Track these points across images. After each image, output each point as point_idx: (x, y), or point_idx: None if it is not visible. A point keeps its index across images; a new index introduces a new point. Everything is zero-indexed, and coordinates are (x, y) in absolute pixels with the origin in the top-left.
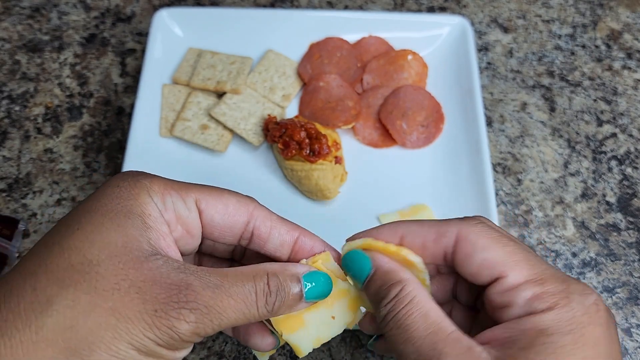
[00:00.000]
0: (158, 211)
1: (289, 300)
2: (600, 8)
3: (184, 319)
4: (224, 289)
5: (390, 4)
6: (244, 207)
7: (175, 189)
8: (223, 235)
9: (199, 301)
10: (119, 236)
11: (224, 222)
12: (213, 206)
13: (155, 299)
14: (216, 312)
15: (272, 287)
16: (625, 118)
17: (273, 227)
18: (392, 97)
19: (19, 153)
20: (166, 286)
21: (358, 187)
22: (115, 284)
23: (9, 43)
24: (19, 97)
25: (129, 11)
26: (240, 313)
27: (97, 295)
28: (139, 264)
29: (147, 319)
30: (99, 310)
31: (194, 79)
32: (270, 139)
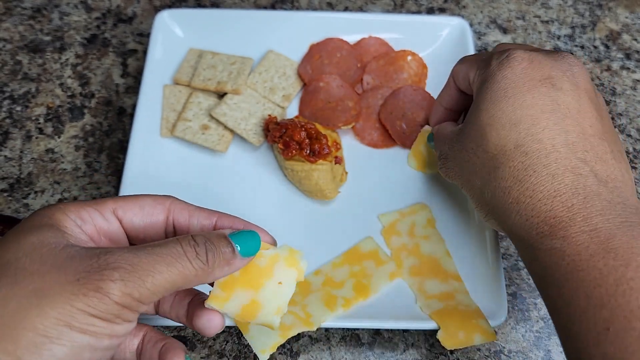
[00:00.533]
0: (77, 226)
1: (223, 254)
2: (599, 9)
3: (109, 278)
4: (146, 249)
5: (390, 5)
6: (160, 204)
7: (91, 205)
8: (148, 236)
9: (120, 261)
10: (34, 238)
11: (144, 222)
12: (130, 211)
13: (75, 270)
14: (143, 269)
15: (198, 241)
16: (624, 118)
17: (191, 216)
18: (392, 97)
19: (20, 153)
20: (86, 257)
21: (358, 187)
22: (35, 270)
23: (10, 43)
24: (21, 98)
25: (130, 12)
26: (173, 268)
27: (17, 284)
28: (56, 251)
29: (70, 289)
30: (20, 294)
31: (194, 79)
32: (271, 139)
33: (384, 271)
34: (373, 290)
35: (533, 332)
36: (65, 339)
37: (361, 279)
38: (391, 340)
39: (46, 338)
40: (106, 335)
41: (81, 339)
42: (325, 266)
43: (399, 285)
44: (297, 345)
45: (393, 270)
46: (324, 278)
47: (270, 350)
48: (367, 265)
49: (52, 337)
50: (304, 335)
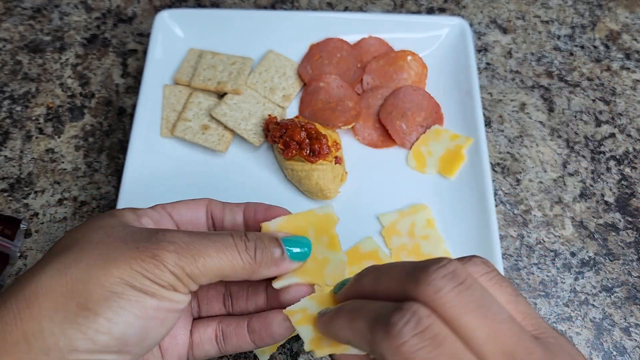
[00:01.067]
0: (135, 218)
1: (272, 254)
2: (599, 9)
3: (165, 249)
4: (201, 234)
5: (389, 5)
6: (201, 201)
7: (140, 208)
8: (195, 228)
9: (176, 239)
10: (99, 221)
11: (190, 215)
12: (177, 208)
13: (136, 240)
14: (196, 250)
15: (250, 237)
16: (624, 118)
17: (225, 207)
18: (392, 97)
19: (20, 153)
20: (146, 232)
21: (358, 187)
22: (101, 240)
23: (10, 43)
24: (21, 98)
25: (130, 12)
26: (223, 255)
27: (84, 250)
28: (119, 229)
29: (130, 254)
30: (87, 258)
31: (194, 79)
32: (271, 139)
33: None
34: None
35: None
36: (129, 295)
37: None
38: None
39: (113, 293)
40: (165, 298)
41: (143, 298)
42: None
43: None
44: (297, 345)
45: None
46: None
47: (270, 351)
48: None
49: (118, 293)
50: None
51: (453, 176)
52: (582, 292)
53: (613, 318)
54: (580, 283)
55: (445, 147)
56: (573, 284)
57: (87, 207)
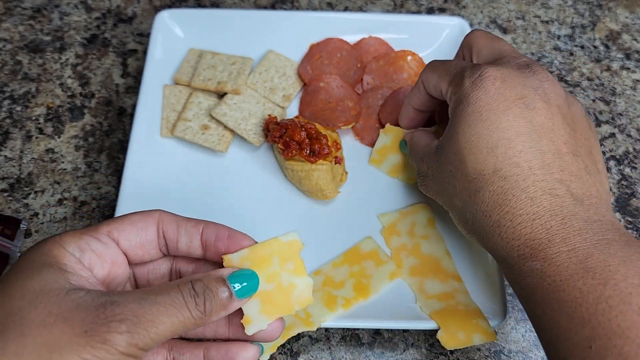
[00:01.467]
0: (75, 258)
1: (220, 300)
2: (599, 9)
3: (115, 331)
4: (150, 299)
5: (389, 5)
6: (150, 218)
7: (85, 233)
8: (147, 252)
9: (125, 313)
10: (35, 283)
11: (139, 239)
12: (124, 230)
13: (82, 321)
14: (148, 321)
15: (197, 289)
16: (624, 118)
17: (179, 226)
18: (392, 97)
19: (20, 153)
20: (91, 308)
21: (358, 187)
22: (41, 322)
23: (10, 43)
24: (21, 98)
25: (130, 12)
26: (174, 318)
27: (25, 337)
28: (60, 298)
29: (78, 341)
30: (29, 348)
31: (194, 79)
32: (271, 139)
33: (384, 271)
34: (373, 290)
35: (533, 332)
36: None
37: (361, 279)
38: (391, 340)
39: None
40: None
41: None
42: (325, 266)
43: (399, 285)
44: (297, 345)
45: (393, 270)
46: (324, 278)
47: (270, 351)
48: (367, 265)
49: None
50: (304, 335)
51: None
52: None
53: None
54: None
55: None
56: None
57: (87, 207)
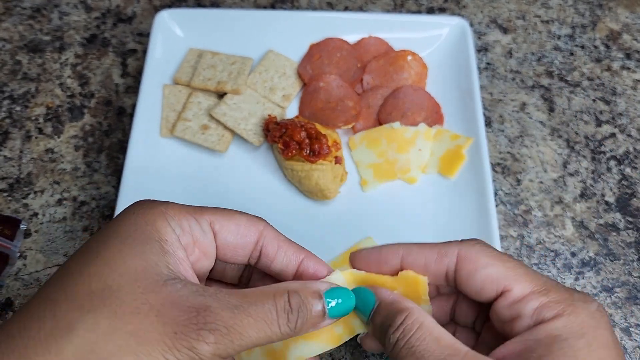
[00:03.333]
0: (175, 236)
1: (312, 318)
2: (599, 8)
3: (204, 340)
4: (243, 309)
5: (390, 5)
6: (254, 227)
7: (191, 213)
8: (235, 255)
9: (217, 322)
10: (138, 261)
11: (236, 241)
12: (226, 227)
13: (174, 321)
14: (236, 333)
15: (293, 305)
16: (624, 118)
17: (280, 247)
18: (392, 97)
19: (20, 153)
20: (185, 308)
21: (358, 187)
22: (135, 308)
23: (10, 43)
24: (20, 98)
25: (129, 12)
26: (262, 332)
27: (117, 319)
28: (158, 287)
29: (167, 341)
30: (119, 333)
31: (194, 79)
32: (271, 139)
33: None
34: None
35: None
36: None
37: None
38: None
39: None
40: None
41: None
42: None
43: None
44: None
45: None
46: None
47: None
48: None
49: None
50: None
51: (453, 176)
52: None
53: (613, 318)
54: (581, 283)
55: (445, 147)
56: (573, 284)
57: (86, 207)
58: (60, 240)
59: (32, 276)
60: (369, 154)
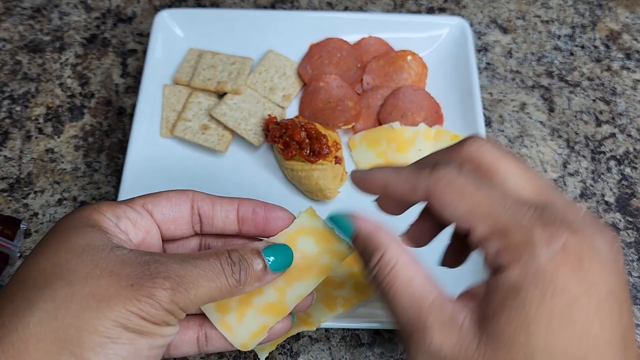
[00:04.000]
0: (112, 223)
1: (255, 272)
2: (599, 9)
3: (160, 287)
4: (190, 262)
5: (389, 5)
6: (184, 195)
7: (122, 203)
8: (179, 228)
9: (169, 271)
10: (80, 239)
11: (173, 213)
12: (158, 204)
13: (128, 275)
14: (189, 282)
15: (234, 258)
16: (624, 118)
17: (214, 203)
18: (392, 97)
19: (20, 153)
20: (136, 264)
21: None
22: (88, 273)
23: (10, 43)
24: (20, 98)
25: (129, 12)
26: (212, 283)
27: (72, 286)
28: (105, 253)
29: (125, 294)
30: (78, 297)
31: (194, 79)
32: (271, 139)
33: None
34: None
35: None
36: (124, 339)
37: (361, 279)
38: (391, 340)
39: (108, 339)
40: (158, 335)
41: (137, 339)
42: None
43: None
44: (297, 345)
45: None
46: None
47: (269, 348)
48: None
49: (112, 338)
50: (304, 335)
51: None
52: None
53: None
54: None
55: None
56: None
57: None
58: None
59: None
60: (369, 154)
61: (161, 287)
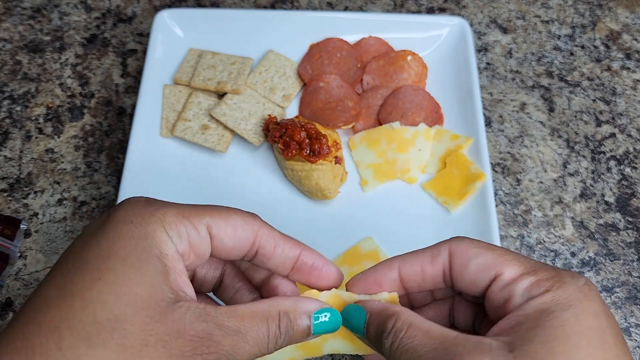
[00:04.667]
0: (174, 247)
1: (297, 335)
2: (599, 9)
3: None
4: (241, 335)
5: (389, 5)
6: (250, 227)
7: (187, 217)
8: (229, 255)
9: (220, 351)
10: (143, 287)
11: (233, 244)
12: (223, 230)
13: (180, 352)
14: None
15: (282, 328)
16: (624, 118)
17: (277, 245)
18: (392, 97)
19: (20, 153)
20: (189, 338)
21: (358, 187)
22: (143, 340)
23: (10, 43)
24: (20, 98)
25: (129, 12)
26: (253, 355)
27: (125, 353)
28: (164, 316)
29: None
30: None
31: (194, 79)
32: (271, 139)
33: None
34: None
35: None
36: None
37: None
38: None
39: None
40: None
41: None
42: None
43: None
44: None
45: None
46: None
47: None
48: (367, 265)
49: None
50: None
51: None
52: None
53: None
54: None
55: (445, 147)
56: None
57: (86, 207)
58: (60, 240)
59: (32, 276)
60: (369, 154)
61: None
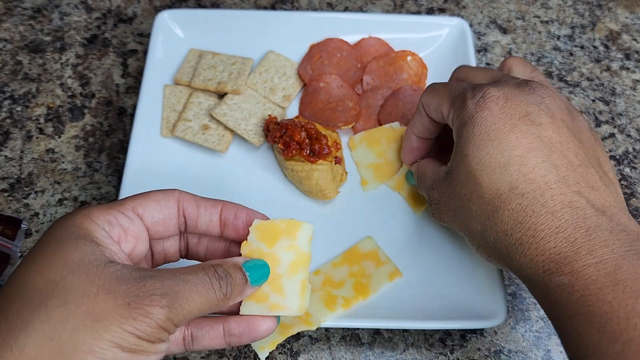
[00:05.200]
0: (105, 232)
1: (238, 286)
2: (598, 9)
3: (157, 304)
4: (182, 277)
5: (389, 6)
6: (171, 196)
7: (112, 207)
8: (166, 229)
9: (165, 287)
10: (74, 253)
11: (162, 215)
12: (148, 207)
13: (125, 293)
14: (182, 297)
15: (220, 273)
16: (624, 118)
17: (199, 205)
18: (392, 97)
19: (20, 153)
20: (132, 280)
21: (358, 187)
22: (83, 291)
23: (10, 44)
24: (21, 98)
25: (130, 12)
26: (203, 297)
27: (68, 305)
28: (100, 269)
29: (122, 313)
30: (74, 316)
31: (195, 79)
32: (271, 139)
33: (384, 271)
34: (373, 290)
35: (533, 332)
36: (119, 358)
37: (361, 278)
38: (391, 340)
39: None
40: (152, 352)
41: (132, 358)
42: (324, 266)
43: (399, 285)
44: (297, 345)
45: (392, 270)
46: (323, 278)
47: (269, 348)
48: (367, 265)
49: (108, 359)
50: (304, 335)
51: None
52: None
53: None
54: None
55: None
56: None
57: None
58: None
59: None
60: (369, 154)
61: (158, 305)
